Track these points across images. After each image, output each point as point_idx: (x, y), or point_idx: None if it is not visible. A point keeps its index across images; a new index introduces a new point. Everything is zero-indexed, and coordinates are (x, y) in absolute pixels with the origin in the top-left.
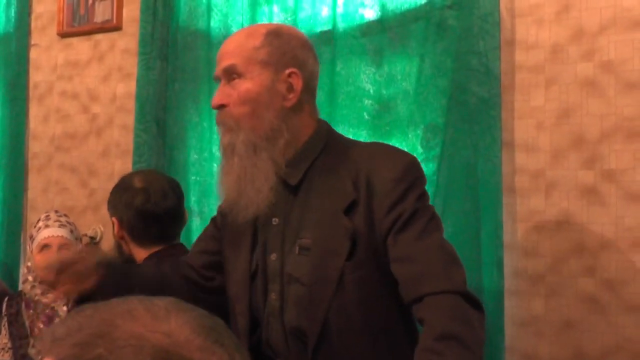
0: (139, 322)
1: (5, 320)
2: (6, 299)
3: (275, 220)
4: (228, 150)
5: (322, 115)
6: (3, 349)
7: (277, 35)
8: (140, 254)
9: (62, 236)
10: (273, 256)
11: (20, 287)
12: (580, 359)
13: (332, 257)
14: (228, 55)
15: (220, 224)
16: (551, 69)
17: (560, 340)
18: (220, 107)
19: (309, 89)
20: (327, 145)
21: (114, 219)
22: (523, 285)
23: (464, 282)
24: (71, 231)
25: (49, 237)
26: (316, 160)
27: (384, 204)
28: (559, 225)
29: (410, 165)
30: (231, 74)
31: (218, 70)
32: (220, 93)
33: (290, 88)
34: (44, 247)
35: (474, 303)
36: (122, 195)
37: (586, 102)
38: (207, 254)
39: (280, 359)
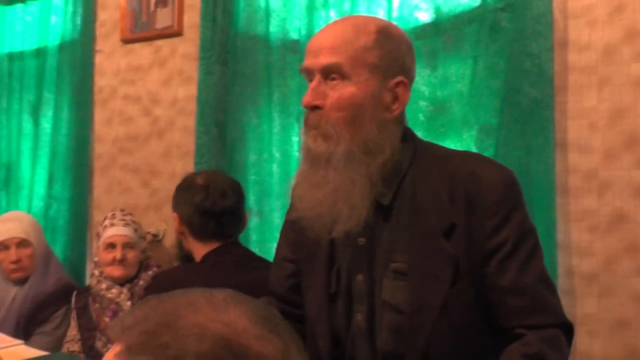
0: (200, 313)
1: (74, 313)
2: (75, 293)
3: (361, 241)
4: (322, 160)
5: None
6: (72, 340)
7: (388, 37)
8: (199, 249)
9: (126, 235)
10: (359, 277)
11: (87, 281)
12: (634, 358)
13: (433, 284)
14: (330, 50)
15: (292, 238)
16: (604, 70)
17: (614, 339)
18: (314, 107)
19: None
20: (415, 156)
21: (175, 214)
22: (576, 284)
23: (563, 313)
24: (135, 230)
25: (113, 235)
26: (406, 173)
27: (487, 226)
28: (612, 225)
29: (512, 183)
30: (332, 73)
31: (314, 63)
32: (315, 92)
33: (395, 98)
34: (109, 245)
35: (569, 336)
36: (183, 193)
37: (639, 103)
38: (290, 277)
39: None
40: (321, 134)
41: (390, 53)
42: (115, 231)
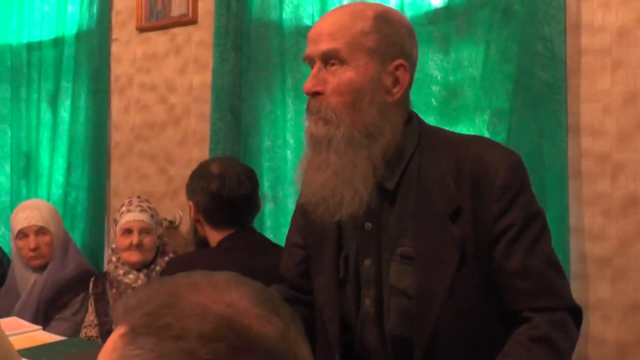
0: (202, 294)
1: (91, 298)
2: (92, 279)
3: (368, 225)
4: (323, 144)
5: None
6: (90, 325)
7: (387, 21)
8: (214, 236)
9: (142, 220)
10: (367, 262)
11: (105, 267)
12: None
13: (440, 268)
14: (329, 37)
15: (302, 224)
16: (618, 52)
17: (627, 323)
18: (315, 94)
19: (411, 82)
20: (420, 140)
21: (190, 202)
22: (589, 269)
23: (571, 296)
24: (152, 216)
25: (130, 221)
26: (412, 158)
27: (493, 210)
28: (626, 209)
29: (518, 166)
30: (331, 58)
31: (313, 51)
32: (315, 78)
33: (396, 81)
34: (126, 230)
35: (578, 320)
36: (199, 181)
37: None
38: (300, 264)
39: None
40: (322, 118)
41: (389, 37)
42: (132, 217)
